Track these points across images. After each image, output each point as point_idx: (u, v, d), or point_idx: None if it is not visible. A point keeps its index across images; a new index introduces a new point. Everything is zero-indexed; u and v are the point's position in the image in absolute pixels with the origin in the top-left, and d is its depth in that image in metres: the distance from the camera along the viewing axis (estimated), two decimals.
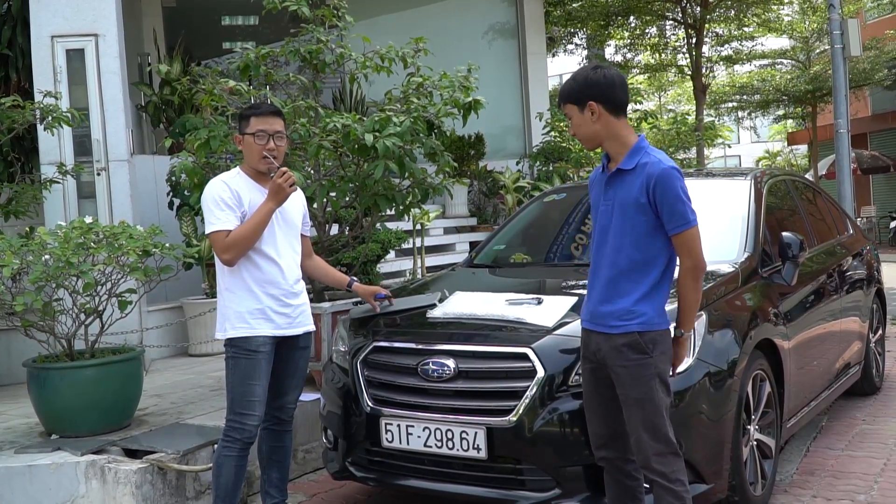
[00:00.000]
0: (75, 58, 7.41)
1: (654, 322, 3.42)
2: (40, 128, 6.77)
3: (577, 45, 21.82)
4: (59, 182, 7.04)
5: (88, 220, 5.25)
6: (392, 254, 9.24)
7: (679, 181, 3.38)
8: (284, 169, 4.05)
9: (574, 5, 18.97)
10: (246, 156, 4.20)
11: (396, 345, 4.45)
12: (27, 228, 6.33)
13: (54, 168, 7.09)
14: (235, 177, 4.18)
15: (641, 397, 3.41)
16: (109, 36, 7.41)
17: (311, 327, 4.35)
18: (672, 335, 3.48)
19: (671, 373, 3.51)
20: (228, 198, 4.06)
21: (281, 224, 4.19)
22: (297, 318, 4.23)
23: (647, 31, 21.27)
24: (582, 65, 22.98)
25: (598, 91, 3.42)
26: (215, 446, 4.76)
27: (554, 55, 21.44)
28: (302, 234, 4.41)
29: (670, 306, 3.52)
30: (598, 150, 3.63)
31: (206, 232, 4.11)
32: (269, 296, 4.11)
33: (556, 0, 18.10)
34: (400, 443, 4.20)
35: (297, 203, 4.34)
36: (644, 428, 3.41)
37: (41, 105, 6.54)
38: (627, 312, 3.42)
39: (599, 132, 3.47)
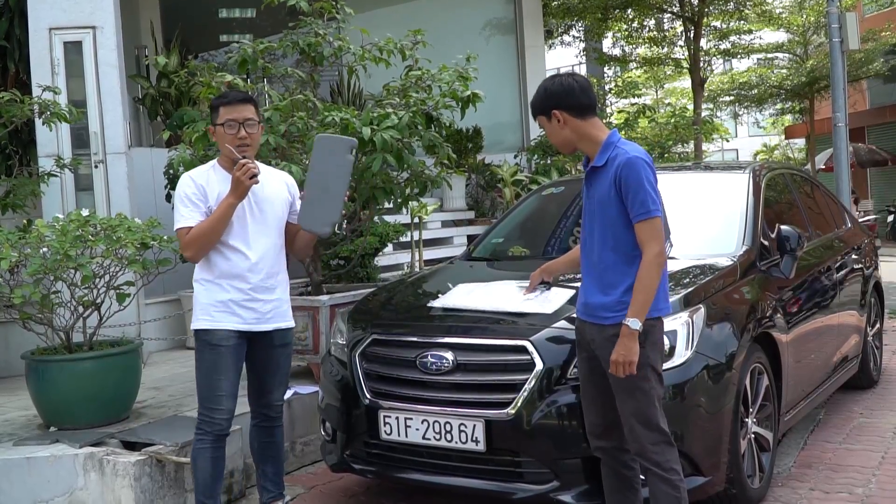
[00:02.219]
0: (73, 50, 7.40)
1: (650, 311, 3.46)
2: (38, 121, 6.75)
3: (574, 37, 21.77)
4: (56, 176, 7.02)
5: (86, 212, 5.24)
6: (390, 247, 9.22)
7: (644, 170, 3.43)
8: (244, 161, 3.90)
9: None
10: (220, 147, 4.11)
11: (395, 337, 4.46)
12: (25, 221, 6.32)
13: (52, 161, 7.07)
14: (207, 171, 4.09)
15: (632, 386, 3.46)
16: (107, 28, 7.40)
17: (286, 324, 4.22)
18: (631, 328, 3.38)
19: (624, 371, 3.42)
20: (192, 193, 3.99)
21: (256, 215, 4.07)
22: (268, 314, 4.10)
23: (645, 23, 21.21)
24: (579, 57, 23.00)
25: (558, 99, 3.58)
26: None
27: (551, 47, 21.39)
28: (289, 223, 4.25)
29: (673, 297, 3.53)
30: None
31: (174, 229, 4.06)
32: (235, 289, 4.01)
33: None
34: (398, 435, 4.21)
35: (278, 192, 4.20)
36: (636, 417, 3.46)
37: (39, 100, 6.52)
38: (618, 304, 3.48)
39: (570, 137, 3.60)
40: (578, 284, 4.16)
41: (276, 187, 4.20)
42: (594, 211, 3.58)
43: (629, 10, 19.86)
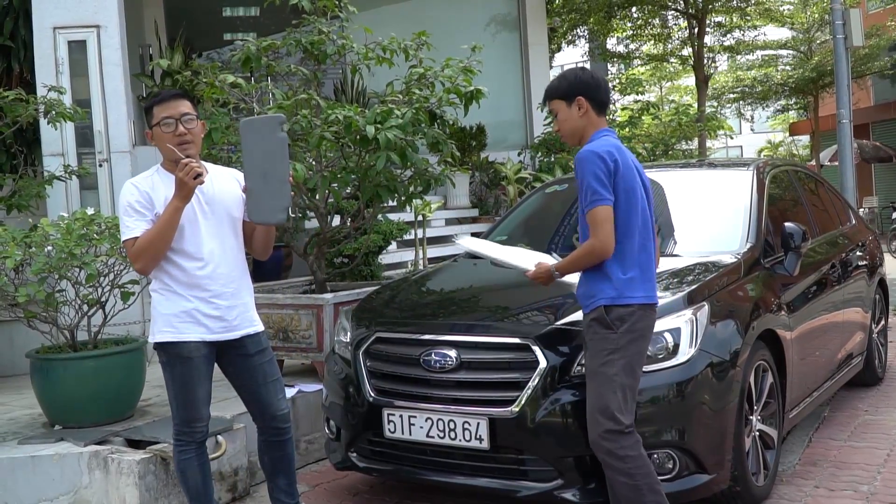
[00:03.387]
0: (77, 49, 7.41)
1: (617, 297, 3.55)
2: (43, 120, 6.76)
3: (579, 36, 21.77)
4: (63, 180, 7.03)
5: (91, 211, 5.25)
6: (394, 245, 9.23)
7: (590, 163, 3.52)
8: (186, 160, 3.64)
9: None
10: (160, 149, 3.87)
11: (399, 335, 4.46)
12: (29, 221, 6.33)
13: (56, 159, 7.09)
14: (150, 176, 3.86)
15: (595, 370, 3.54)
16: (111, 27, 7.41)
17: (255, 329, 3.96)
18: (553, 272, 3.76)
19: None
20: (136, 201, 3.75)
21: (208, 217, 3.83)
22: (235, 320, 3.87)
23: (649, 21, 21.20)
24: (584, 57, 22.98)
25: (587, 88, 3.69)
26: (219, 437, 4.79)
27: (559, 49, 21.39)
28: (245, 221, 3.98)
29: (677, 294, 3.52)
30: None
31: (121, 241, 3.85)
32: (198, 298, 3.78)
33: None
34: (402, 433, 4.21)
35: (229, 190, 3.93)
36: (594, 401, 3.53)
37: (45, 100, 6.53)
38: (595, 290, 3.59)
39: (582, 127, 3.71)
40: None
41: (225, 185, 3.95)
42: (579, 206, 3.70)
43: (633, 9, 19.85)
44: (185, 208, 3.73)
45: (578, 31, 21.31)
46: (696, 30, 19.31)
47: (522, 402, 3.93)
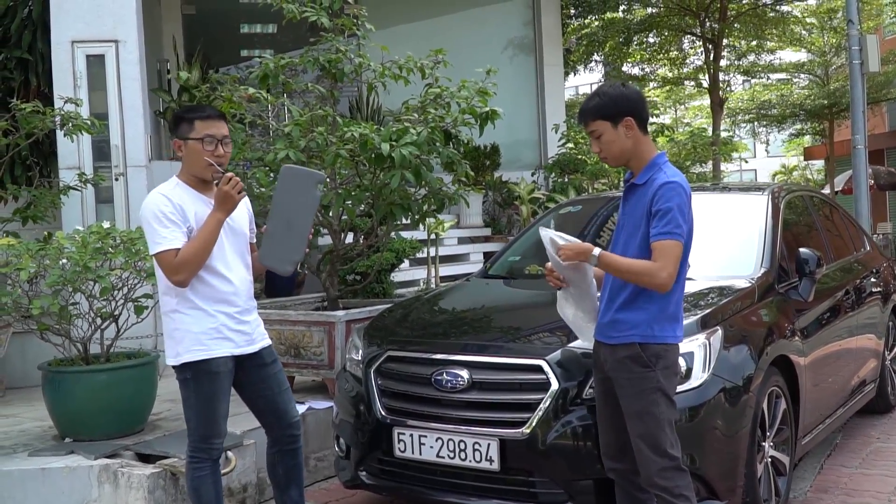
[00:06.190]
0: (95, 63, 7.46)
1: (656, 335, 3.43)
2: (60, 133, 6.81)
3: (596, 61, 21.81)
4: (78, 189, 7.07)
5: (106, 224, 5.28)
6: (406, 263, 9.22)
7: (680, 196, 3.35)
8: (231, 174, 3.70)
9: (591, 19, 18.99)
10: (188, 163, 3.84)
11: (410, 354, 4.46)
12: (45, 233, 6.37)
13: (72, 173, 7.12)
14: (175, 188, 3.84)
15: (641, 410, 3.43)
16: (129, 42, 7.46)
17: (267, 341, 4.05)
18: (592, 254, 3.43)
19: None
20: (171, 212, 3.71)
21: (229, 236, 3.88)
22: (253, 334, 3.95)
23: (664, 46, 21.24)
24: (601, 80, 23.01)
25: (633, 106, 3.46)
26: (229, 453, 4.78)
27: (575, 74, 21.43)
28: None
29: (690, 318, 3.49)
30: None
31: (152, 252, 3.76)
32: (223, 314, 3.82)
33: (574, 14, 18.15)
34: (412, 453, 4.20)
35: (242, 210, 4.00)
36: (644, 441, 3.43)
37: (62, 112, 6.57)
38: (628, 324, 3.44)
39: (630, 148, 3.48)
40: None
41: (240, 204, 3.96)
42: (622, 227, 3.54)
43: (650, 34, 19.91)
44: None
45: (596, 55, 21.35)
46: (713, 54, 19.33)
47: (534, 423, 3.92)
